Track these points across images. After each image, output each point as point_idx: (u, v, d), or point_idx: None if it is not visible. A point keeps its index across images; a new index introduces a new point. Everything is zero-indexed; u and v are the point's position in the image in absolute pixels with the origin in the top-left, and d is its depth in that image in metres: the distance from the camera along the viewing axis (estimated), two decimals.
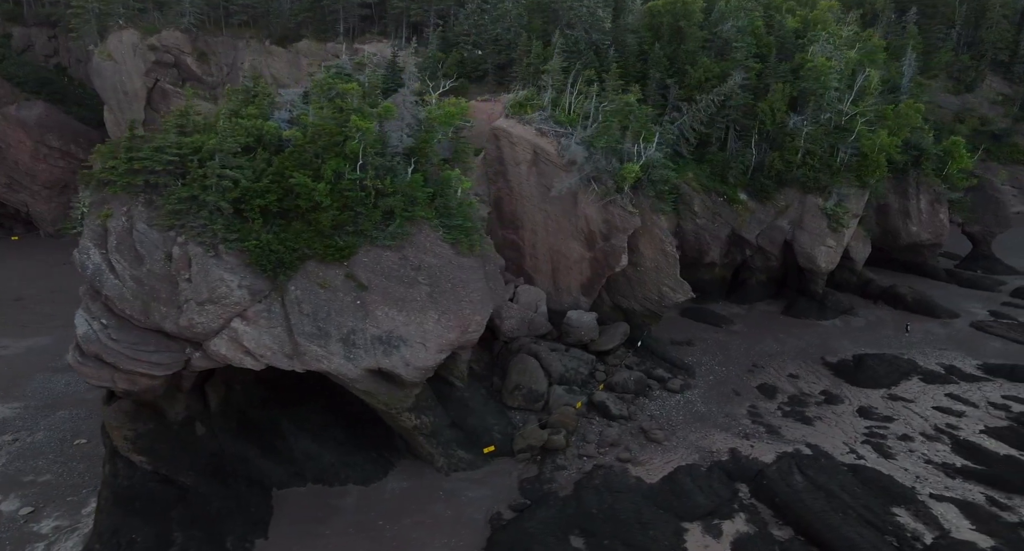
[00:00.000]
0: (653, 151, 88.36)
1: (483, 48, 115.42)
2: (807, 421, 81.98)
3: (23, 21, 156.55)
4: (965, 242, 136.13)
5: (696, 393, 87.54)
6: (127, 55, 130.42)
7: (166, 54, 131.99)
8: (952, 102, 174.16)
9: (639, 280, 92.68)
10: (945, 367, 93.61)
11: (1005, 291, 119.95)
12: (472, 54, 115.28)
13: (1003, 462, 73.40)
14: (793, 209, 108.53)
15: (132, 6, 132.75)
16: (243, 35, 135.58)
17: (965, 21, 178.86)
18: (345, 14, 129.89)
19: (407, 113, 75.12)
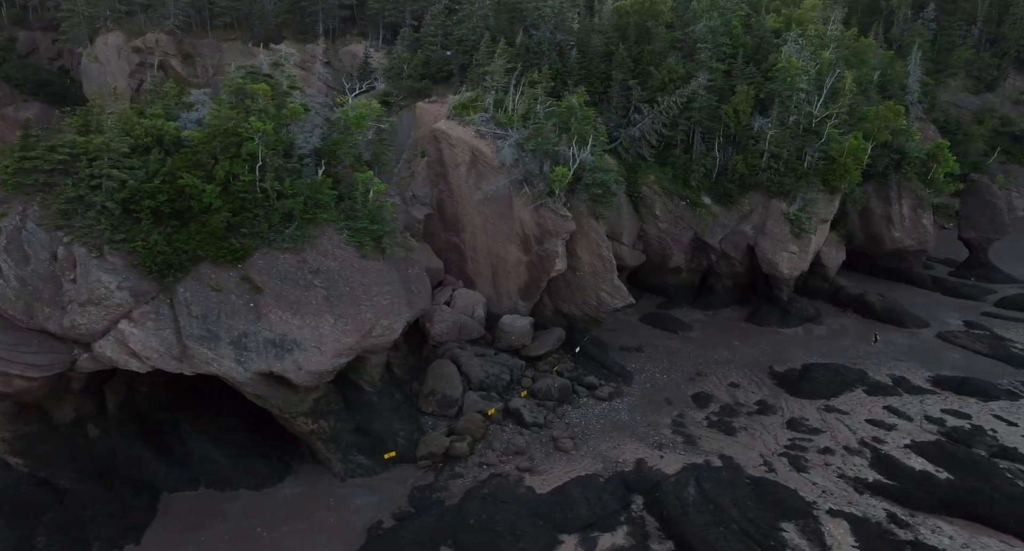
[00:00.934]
0: (587, 154, 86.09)
1: (449, 49, 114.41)
2: (731, 432, 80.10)
3: (28, 25, 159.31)
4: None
5: (625, 401, 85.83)
6: (112, 57, 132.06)
7: (150, 56, 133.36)
8: (971, 101, 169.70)
9: (578, 285, 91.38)
10: (894, 379, 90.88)
11: (990, 301, 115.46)
12: (439, 55, 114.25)
13: (915, 478, 70.99)
14: (757, 214, 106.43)
15: (118, 9, 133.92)
16: (228, 37, 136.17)
17: (987, 17, 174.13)
18: (324, 15, 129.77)
19: (316, 114, 74.24)
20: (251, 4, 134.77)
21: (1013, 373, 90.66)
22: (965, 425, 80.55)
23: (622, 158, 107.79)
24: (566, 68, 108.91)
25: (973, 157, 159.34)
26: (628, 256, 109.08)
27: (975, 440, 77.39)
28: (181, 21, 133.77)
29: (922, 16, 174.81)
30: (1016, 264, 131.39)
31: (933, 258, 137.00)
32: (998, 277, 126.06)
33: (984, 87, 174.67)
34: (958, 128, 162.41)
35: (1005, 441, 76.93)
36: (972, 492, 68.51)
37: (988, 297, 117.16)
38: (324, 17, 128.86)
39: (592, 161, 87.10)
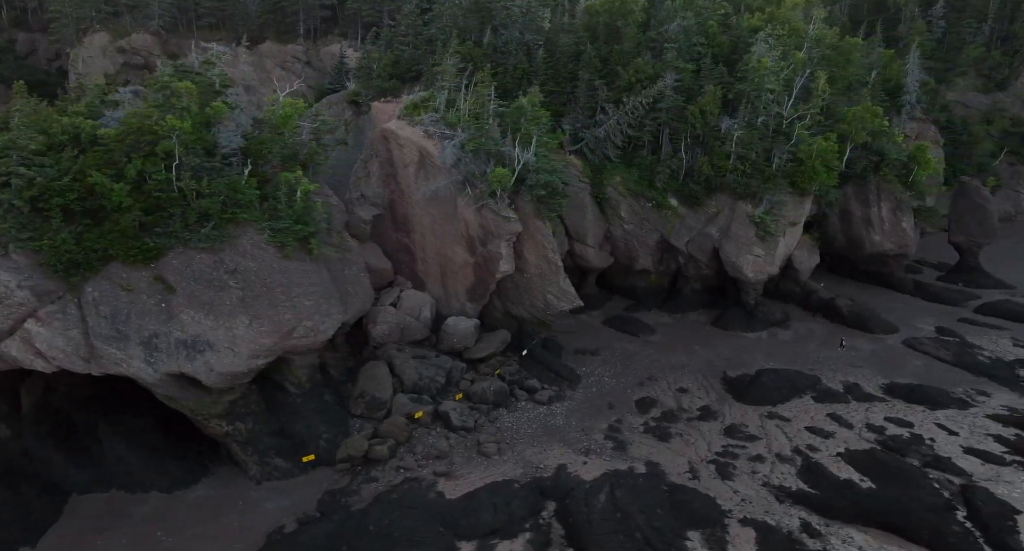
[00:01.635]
0: (531, 155, 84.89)
1: (419, 48, 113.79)
2: (665, 438, 78.64)
3: (28, 27, 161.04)
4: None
5: (565, 405, 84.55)
6: (97, 57, 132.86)
7: (135, 56, 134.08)
8: (981, 101, 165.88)
9: (526, 286, 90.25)
10: (846, 386, 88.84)
11: (971, 306, 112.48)
12: (409, 54, 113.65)
13: (838, 487, 69.28)
14: (723, 216, 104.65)
15: (103, 10, 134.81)
16: (213, 37, 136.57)
17: (998, 14, 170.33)
18: (305, 15, 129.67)
19: (242, 113, 73.88)
20: (234, 4, 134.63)
21: (971, 381, 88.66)
22: (905, 434, 78.54)
23: (588, 159, 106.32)
24: (532, 68, 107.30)
25: (979, 158, 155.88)
26: (594, 258, 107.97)
27: (910, 449, 75.36)
28: (166, 22, 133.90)
29: (930, 14, 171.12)
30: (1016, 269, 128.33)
31: (925, 262, 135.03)
32: (987, 282, 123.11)
33: (994, 86, 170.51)
34: (963, 129, 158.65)
35: (940, 451, 74.88)
36: (890, 502, 66.85)
37: (968, 303, 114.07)
38: (305, 17, 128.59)
39: (535, 162, 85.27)
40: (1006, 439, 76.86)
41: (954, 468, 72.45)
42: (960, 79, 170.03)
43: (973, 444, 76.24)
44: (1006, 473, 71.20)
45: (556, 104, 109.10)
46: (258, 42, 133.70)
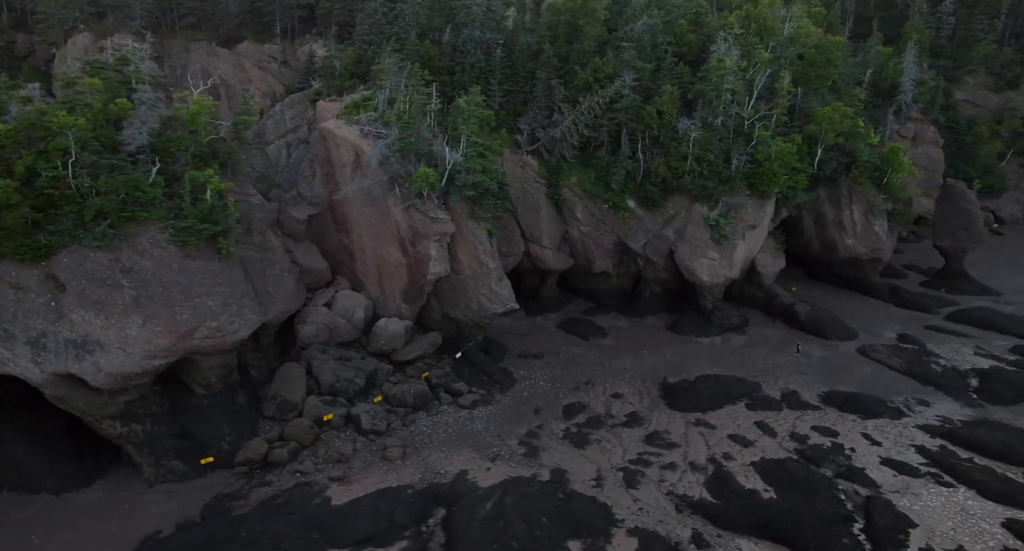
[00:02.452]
0: (458, 154, 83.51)
1: (380, 47, 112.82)
2: (582, 444, 76.70)
3: (28, 28, 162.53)
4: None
5: (489, 410, 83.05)
6: (80, 57, 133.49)
7: None
8: (991, 100, 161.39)
9: (461, 288, 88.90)
10: (785, 393, 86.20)
11: (943, 313, 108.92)
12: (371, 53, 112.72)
13: (740, 497, 67.21)
14: (680, 218, 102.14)
15: (86, 10, 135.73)
16: (195, 37, 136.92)
17: (1011, 10, 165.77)
18: (282, 15, 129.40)
19: (149, 111, 73.43)
20: (215, 4, 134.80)
21: (916, 390, 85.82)
22: (827, 443, 76.09)
23: (544, 159, 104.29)
24: (490, 67, 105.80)
25: (985, 160, 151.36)
26: (552, 260, 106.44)
27: (827, 459, 72.95)
28: (148, 22, 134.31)
29: (939, 10, 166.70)
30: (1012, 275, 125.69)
31: (914, 267, 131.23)
32: (971, 288, 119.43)
33: (1006, 85, 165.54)
34: (968, 129, 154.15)
35: (857, 461, 72.47)
36: (786, 513, 64.84)
37: (940, 310, 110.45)
38: (281, 17, 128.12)
39: (462, 162, 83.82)
40: (928, 450, 74.11)
41: (865, 479, 69.98)
42: (970, 77, 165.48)
43: (893, 455, 73.60)
44: (916, 485, 68.70)
45: (515, 104, 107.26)
46: (237, 42, 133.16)
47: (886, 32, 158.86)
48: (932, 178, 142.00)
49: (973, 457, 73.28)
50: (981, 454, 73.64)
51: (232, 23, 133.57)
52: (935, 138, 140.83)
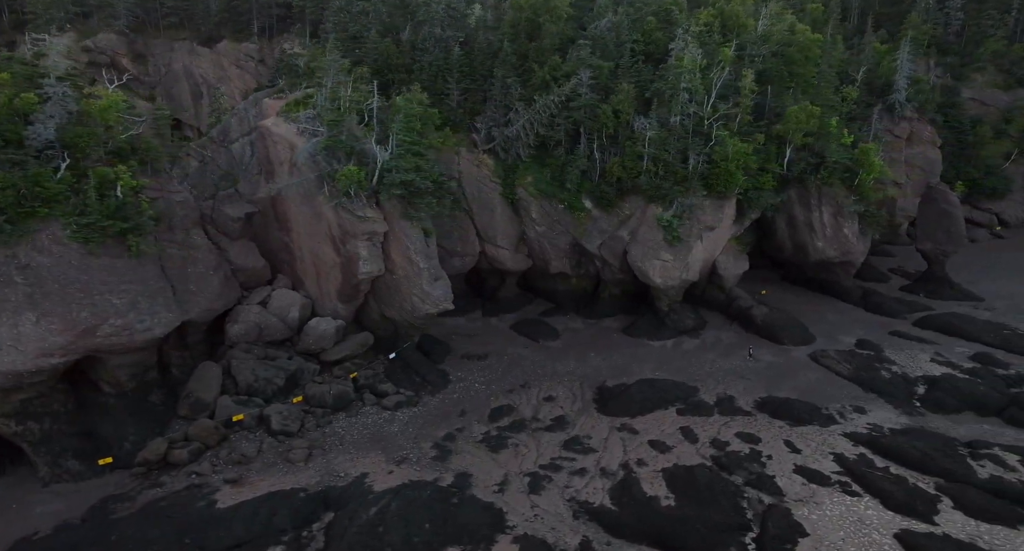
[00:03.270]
0: (388, 154, 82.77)
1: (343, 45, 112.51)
2: (497, 448, 75.34)
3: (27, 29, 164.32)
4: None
5: (413, 411, 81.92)
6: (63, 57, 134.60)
7: (100, 55, 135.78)
8: (1000, 99, 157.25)
9: (395, 288, 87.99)
10: (720, 398, 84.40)
11: (912, 319, 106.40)
12: None
13: (639, 504, 65.51)
14: (635, 219, 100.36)
15: (71, 10, 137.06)
16: (178, 36, 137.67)
17: (1023, 5, 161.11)
18: (259, 14, 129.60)
19: (56, 106, 73.37)
20: (196, 4, 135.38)
21: (857, 397, 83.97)
22: (745, 450, 74.24)
23: (501, 158, 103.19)
24: (447, 65, 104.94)
25: (989, 160, 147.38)
26: (510, 260, 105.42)
27: (740, 466, 71.35)
28: (131, 22, 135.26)
29: (947, 5, 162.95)
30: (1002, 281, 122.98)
31: (901, 270, 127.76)
32: (950, 293, 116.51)
33: (1016, 82, 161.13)
34: (971, 129, 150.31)
35: (770, 469, 70.76)
36: (680, 521, 63.27)
37: (910, 315, 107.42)
38: (258, 16, 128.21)
39: (389, 161, 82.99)
40: (845, 459, 72.24)
41: (772, 487, 68.33)
42: (978, 75, 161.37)
43: (808, 463, 71.73)
44: (821, 494, 66.98)
45: (473, 102, 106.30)
46: (217, 41, 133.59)
47: (891, 29, 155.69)
48: (929, 179, 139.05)
49: (890, 466, 71.48)
50: (899, 463, 71.78)
51: (212, 22, 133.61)
52: (932, 138, 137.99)
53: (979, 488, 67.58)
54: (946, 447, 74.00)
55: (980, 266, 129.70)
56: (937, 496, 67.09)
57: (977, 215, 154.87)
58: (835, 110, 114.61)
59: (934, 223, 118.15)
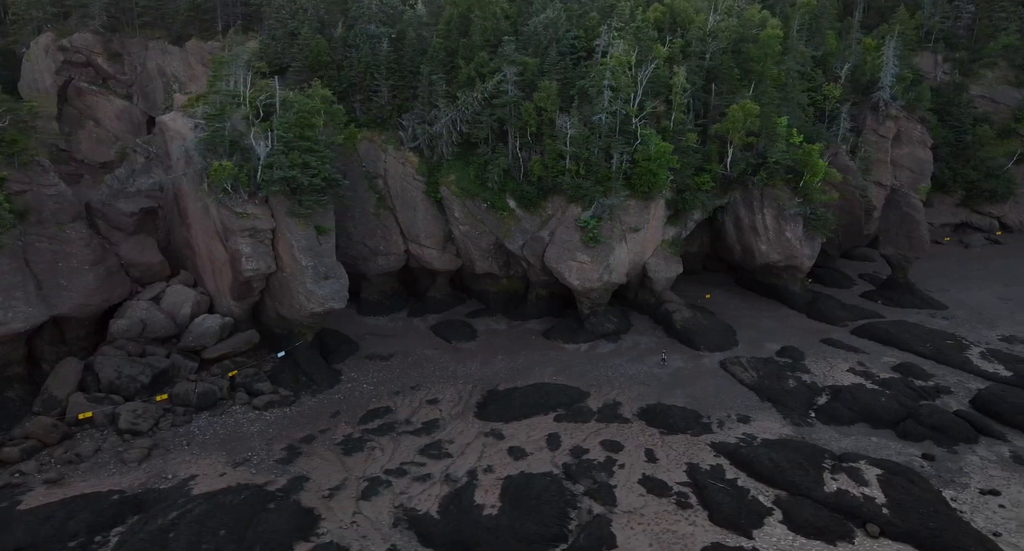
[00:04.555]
0: (269, 150, 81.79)
1: (279, 41, 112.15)
2: (352, 451, 72.86)
3: None
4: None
5: (283, 412, 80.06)
6: (40, 56, 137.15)
7: (76, 54, 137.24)
8: (1010, 96, 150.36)
9: (286, 287, 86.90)
10: (606, 404, 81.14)
11: (850, 326, 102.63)
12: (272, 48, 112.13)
13: (463, 512, 63.27)
14: (555, 219, 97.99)
15: (50, 10, 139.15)
16: (153, 36, 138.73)
17: None
18: (223, 12, 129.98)
19: None
20: (167, 3, 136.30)
21: (751, 405, 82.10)
22: (600, 459, 71.95)
23: (425, 156, 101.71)
24: (375, 62, 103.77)
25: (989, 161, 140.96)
26: (437, 260, 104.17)
27: (586, 475, 69.05)
28: (106, 21, 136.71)
29: None
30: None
31: (868, 275, 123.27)
32: (910, 301, 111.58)
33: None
34: (970, 128, 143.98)
35: (615, 479, 68.13)
36: (495, 531, 61.34)
37: (850, 322, 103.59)
38: (223, 14, 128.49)
39: (268, 157, 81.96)
40: (698, 470, 69.95)
41: (608, 497, 66.08)
42: (988, 71, 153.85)
43: (658, 474, 69.30)
44: (652, 505, 64.81)
45: (402, 99, 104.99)
46: (186, 39, 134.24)
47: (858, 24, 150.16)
48: (919, 181, 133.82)
49: (739, 478, 68.87)
50: (749, 474, 69.39)
51: (180, 21, 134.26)
52: (922, 138, 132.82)
53: (818, 502, 65.23)
54: (809, 459, 70.99)
55: (960, 273, 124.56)
56: (771, 509, 64.74)
57: (976, 219, 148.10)
58: (801, 108, 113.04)
59: (896, 228, 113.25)
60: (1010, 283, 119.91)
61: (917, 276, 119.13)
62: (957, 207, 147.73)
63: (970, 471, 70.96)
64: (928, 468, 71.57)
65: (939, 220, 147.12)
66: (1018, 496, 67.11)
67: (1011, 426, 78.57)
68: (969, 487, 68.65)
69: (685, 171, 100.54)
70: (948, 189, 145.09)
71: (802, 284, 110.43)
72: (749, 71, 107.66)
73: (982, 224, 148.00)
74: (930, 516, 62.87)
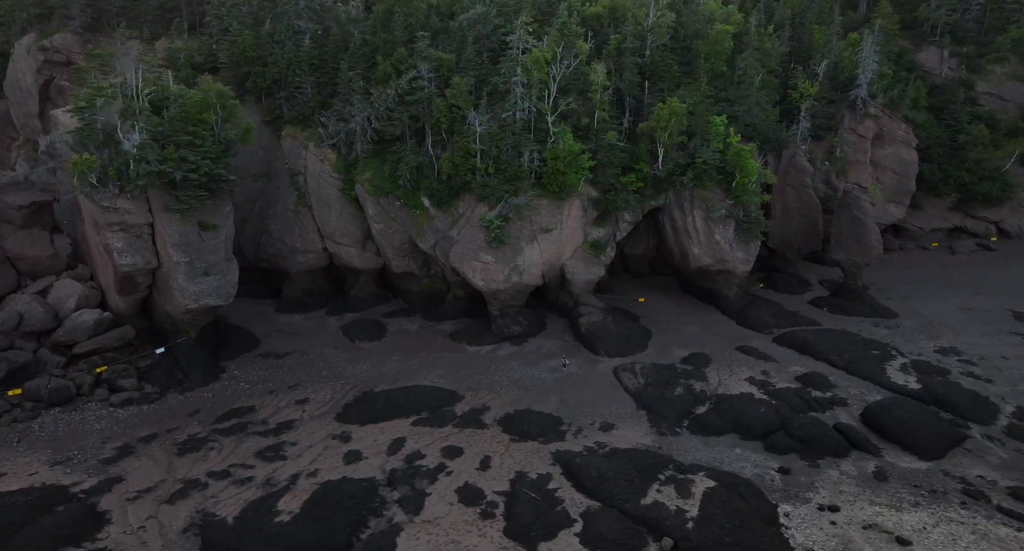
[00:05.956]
0: (133, 143, 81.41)
1: (212, 38, 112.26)
2: (186, 452, 71.60)
3: None
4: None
5: (139, 409, 78.76)
6: (23, 56, 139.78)
7: (57, 54, 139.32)
8: (1020, 93, 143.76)
9: (165, 282, 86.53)
10: (473, 409, 79.26)
11: (773, 334, 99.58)
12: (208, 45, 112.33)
13: (256, 520, 61.64)
14: (465, 218, 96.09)
15: (32, 11, 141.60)
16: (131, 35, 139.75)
17: None
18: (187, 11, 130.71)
19: None
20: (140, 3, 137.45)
21: (624, 413, 79.48)
22: (432, 465, 69.94)
23: (342, 153, 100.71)
24: (297, 58, 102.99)
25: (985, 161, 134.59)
26: (356, 259, 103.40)
27: (407, 482, 67.09)
28: (84, 22, 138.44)
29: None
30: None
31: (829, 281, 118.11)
32: (857, 308, 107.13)
33: None
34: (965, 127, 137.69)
35: (434, 487, 66.20)
36: (272, 540, 59.63)
37: (775, 329, 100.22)
38: (187, 13, 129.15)
39: (135, 150, 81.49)
40: (525, 478, 67.42)
41: (417, 506, 63.86)
42: (997, 66, 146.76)
43: (480, 481, 66.86)
44: (455, 515, 62.54)
45: (324, 96, 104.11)
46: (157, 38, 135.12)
47: (903, 15, 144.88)
48: (903, 183, 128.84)
49: (560, 488, 66.43)
50: (573, 484, 66.94)
51: (149, 20, 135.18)
52: (907, 137, 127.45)
53: (627, 514, 62.68)
54: (644, 471, 68.04)
55: (933, 281, 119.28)
56: (574, 521, 61.89)
57: (972, 224, 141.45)
58: (760, 107, 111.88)
59: (846, 232, 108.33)
60: (980, 292, 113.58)
61: (885, 282, 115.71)
62: (950, 211, 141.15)
63: (821, 486, 67.19)
64: (777, 481, 68.12)
65: (930, 225, 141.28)
66: (858, 513, 63.35)
67: (891, 441, 74.47)
68: (811, 502, 65.03)
69: (609, 170, 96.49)
70: (940, 192, 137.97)
71: (739, 289, 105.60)
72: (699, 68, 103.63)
73: (977, 229, 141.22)
74: (734, 531, 59.86)
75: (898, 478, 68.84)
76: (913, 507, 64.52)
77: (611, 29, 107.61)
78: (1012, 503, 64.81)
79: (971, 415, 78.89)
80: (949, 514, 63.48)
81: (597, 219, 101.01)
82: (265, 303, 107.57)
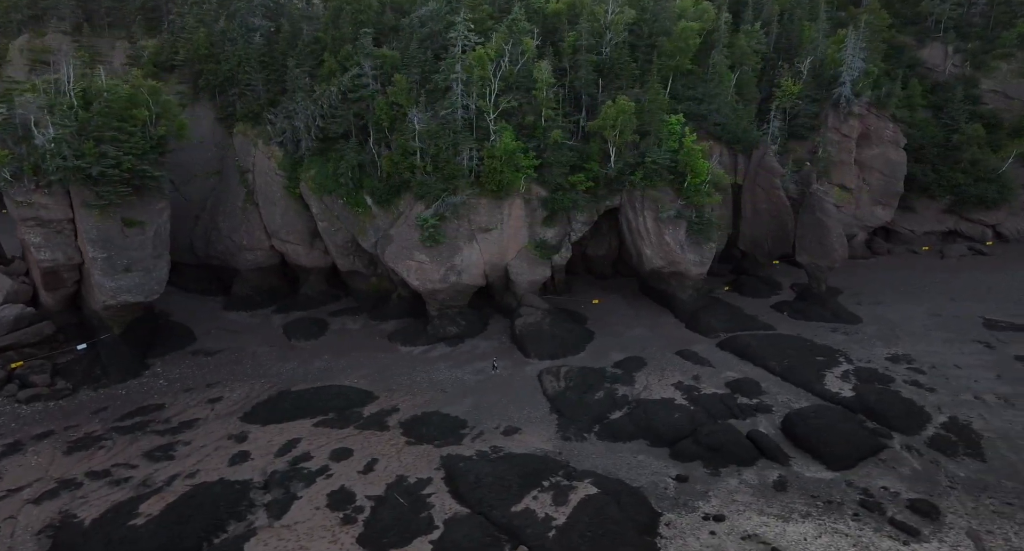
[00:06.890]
0: (48, 138, 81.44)
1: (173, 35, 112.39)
2: (75, 450, 70.12)
3: None
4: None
5: (47, 405, 78.26)
6: (16, 56, 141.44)
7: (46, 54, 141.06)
8: None
9: (87, 278, 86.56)
10: (382, 411, 77.60)
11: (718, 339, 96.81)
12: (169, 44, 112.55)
13: (116, 522, 60.50)
14: (404, 217, 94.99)
15: (26, 12, 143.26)
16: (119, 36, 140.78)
17: None
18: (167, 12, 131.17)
19: None
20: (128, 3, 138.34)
21: (535, 418, 77.42)
22: (316, 467, 68.53)
23: (289, 151, 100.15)
24: (247, 55, 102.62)
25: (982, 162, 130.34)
26: (304, 256, 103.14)
27: (282, 485, 65.54)
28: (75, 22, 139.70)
29: None
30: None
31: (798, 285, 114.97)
32: (818, 313, 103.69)
33: None
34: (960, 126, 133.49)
35: (307, 490, 64.60)
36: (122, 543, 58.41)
37: (721, 334, 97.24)
38: (166, 13, 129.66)
39: (51, 146, 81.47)
40: (403, 482, 65.91)
41: (280, 510, 62.41)
42: (1003, 63, 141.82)
43: (356, 485, 65.24)
44: (315, 520, 60.72)
45: (273, 93, 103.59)
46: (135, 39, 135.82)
47: (906, 11, 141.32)
48: (891, 184, 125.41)
49: (435, 493, 64.60)
50: (450, 489, 65.09)
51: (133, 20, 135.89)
52: (894, 137, 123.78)
53: (492, 521, 60.68)
54: (527, 476, 65.84)
55: (911, 286, 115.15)
56: (436, 527, 60.00)
57: (967, 228, 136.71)
58: (731, 107, 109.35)
59: (810, 234, 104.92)
60: (958, 298, 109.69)
61: (863, 286, 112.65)
62: (944, 214, 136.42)
63: (714, 495, 64.76)
64: (671, 489, 65.77)
65: (922, 228, 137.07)
66: (743, 524, 60.93)
67: (804, 449, 71.80)
68: (698, 511, 62.65)
69: (556, 169, 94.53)
70: (933, 194, 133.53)
71: (694, 291, 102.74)
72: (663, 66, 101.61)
73: (973, 233, 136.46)
74: (595, 539, 57.95)
75: (798, 488, 66.12)
76: (803, 518, 61.80)
77: (570, 27, 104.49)
78: (908, 516, 61.89)
79: (897, 425, 75.57)
80: (837, 526, 60.69)
81: (546, 219, 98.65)
82: (215, 300, 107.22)
